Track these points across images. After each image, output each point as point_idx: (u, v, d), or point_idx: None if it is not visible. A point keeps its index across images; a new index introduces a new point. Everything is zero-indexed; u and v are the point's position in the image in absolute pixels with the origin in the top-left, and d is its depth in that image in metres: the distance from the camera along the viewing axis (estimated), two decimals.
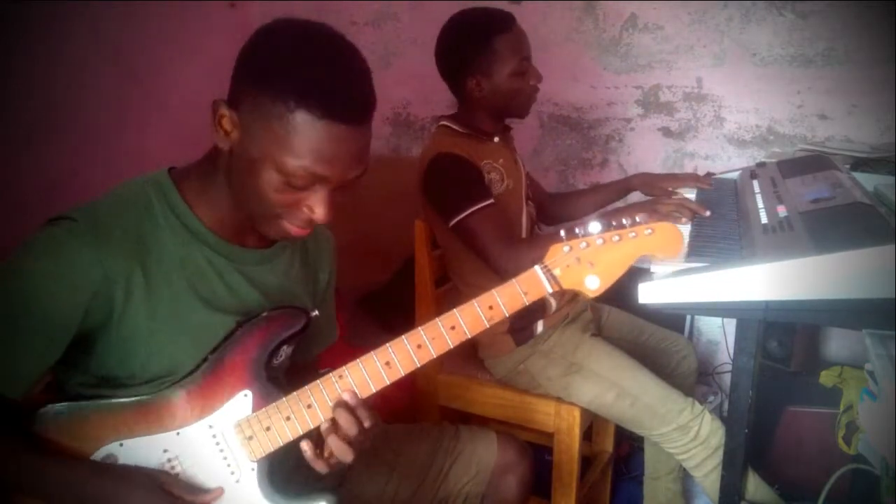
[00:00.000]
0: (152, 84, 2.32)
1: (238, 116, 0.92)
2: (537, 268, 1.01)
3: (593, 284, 1.01)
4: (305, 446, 0.97)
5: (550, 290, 1.02)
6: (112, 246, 0.93)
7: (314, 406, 0.99)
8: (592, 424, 1.88)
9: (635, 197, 1.79)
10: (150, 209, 0.98)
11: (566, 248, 1.00)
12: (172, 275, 0.97)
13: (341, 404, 0.98)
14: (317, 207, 0.95)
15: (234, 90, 0.94)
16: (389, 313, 2.18)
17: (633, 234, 0.99)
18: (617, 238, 1.00)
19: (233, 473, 0.99)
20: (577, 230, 1.01)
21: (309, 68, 0.89)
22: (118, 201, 0.98)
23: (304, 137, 0.89)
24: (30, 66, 1.97)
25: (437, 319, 1.01)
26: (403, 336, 1.01)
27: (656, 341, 1.84)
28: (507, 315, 1.02)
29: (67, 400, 0.98)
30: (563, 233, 1.01)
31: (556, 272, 1.01)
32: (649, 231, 0.99)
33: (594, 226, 1.00)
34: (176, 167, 1.04)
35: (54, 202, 1.92)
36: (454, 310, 1.01)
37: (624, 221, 1.00)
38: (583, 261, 1.00)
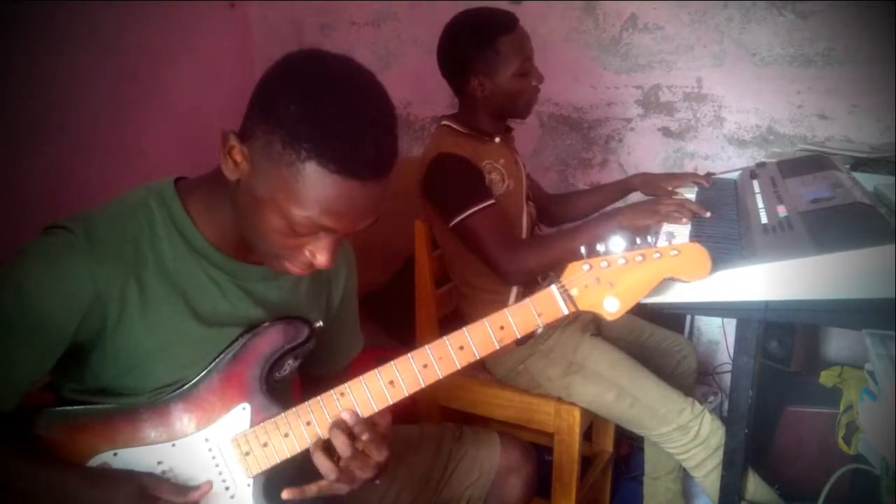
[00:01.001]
0: (151, 84, 2.32)
1: (248, 152, 0.87)
2: (553, 288, 0.95)
3: (612, 307, 0.95)
4: (287, 495, 0.94)
5: (566, 312, 0.95)
6: (108, 259, 0.91)
7: (313, 423, 0.96)
8: (592, 424, 1.88)
9: (635, 197, 1.79)
10: (151, 220, 0.95)
11: (585, 267, 0.94)
12: (170, 289, 0.95)
13: (339, 424, 0.94)
14: (319, 254, 0.91)
15: (247, 124, 0.89)
16: (389, 314, 2.18)
17: (658, 254, 0.94)
18: (640, 258, 0.93)
19: (228, 489, 0.97)
20: (598, 247, 0.95)
21: (326, 117, 0.83)
22: (118, 211, 0.95)
23: (313, 189, 0.83)
24: (30, 66, 1.97)
25: (444, 338, 0.96)
26: (409, 354, 0.96)
27: (656, 341, 1.84)
28: (519, 336, 0.97)
29: (65, 404, 0.97)
30: (583, 250, 0.96)
31: (574, 292, 0.95)
32: (675, 252, 0.94)
33: (617, 243, 0.94)
34: (184, 178, 1.02)
35: (52, 202, 1.93)
36: (463, 328, 0.96)
37: (649, 240, 0.95)
38: (602, 281, 0.94)
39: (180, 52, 2.41)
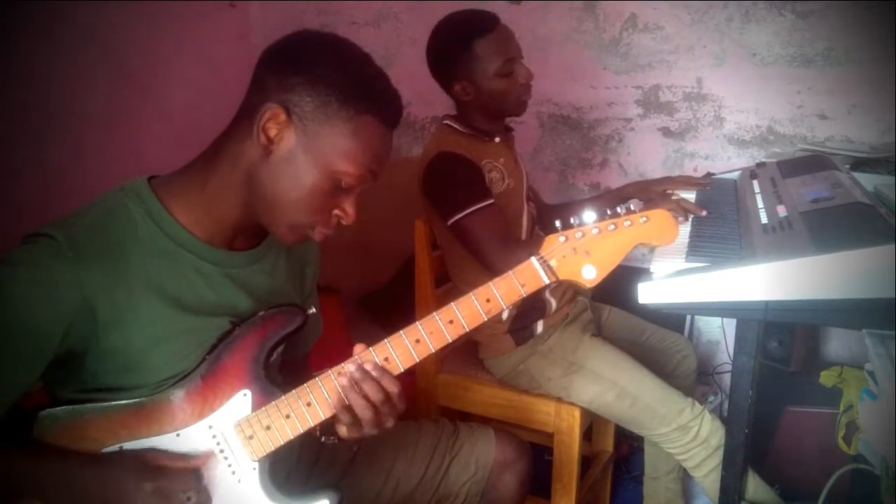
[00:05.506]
0: (150, 84, 2.32)
1: (296, 119, 0.95)
2: (534, 259, 1.01)
3: (590, 274, 1.01)
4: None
5: (547, 281, 1.01)
6: (93, 264, 0.91)
7: (314, 404, 0.98)
8: (592, 424, 1.88)
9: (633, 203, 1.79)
10: (131, 221, 0.97)
11: (562, 239, 1.01)
12: (157, 286, 0.96)
13: (361, 371, 0.96)
14: (349, 209, 1.01)
15: (284, 96, 0.95)
16: (389, 313, 2.18)
17: (629, 222, 1.00)
18: (612, 227, 1.00)
19: (234, 473, 0.99)
20: (572, 220, 1.01)
21: (366, 77, 0.98)
22: (98, 215, 0.96)
23: (367, 138, 0.97)
24: (28, 66, 1.97)
25: (434, 314, 1.01)
26: (401, 331, 1.00)
27: (656, 341, 1.84)
28: (505, 307, 1.02)
29: (65, 404, 0.97)
30: (558, 223, 1.02)
31: (553, 263, 1.01)
32: (644, 219, 1.00)
33: (589, 215, 1.01)
34: (156, 175, 1.03)
35: (50, 202, 1.93)
36: (451, 303, 1.01)
37: (619, 210, 1.01)
38: (579, 251, 1.01)
39: (180, 53, 2.41)
